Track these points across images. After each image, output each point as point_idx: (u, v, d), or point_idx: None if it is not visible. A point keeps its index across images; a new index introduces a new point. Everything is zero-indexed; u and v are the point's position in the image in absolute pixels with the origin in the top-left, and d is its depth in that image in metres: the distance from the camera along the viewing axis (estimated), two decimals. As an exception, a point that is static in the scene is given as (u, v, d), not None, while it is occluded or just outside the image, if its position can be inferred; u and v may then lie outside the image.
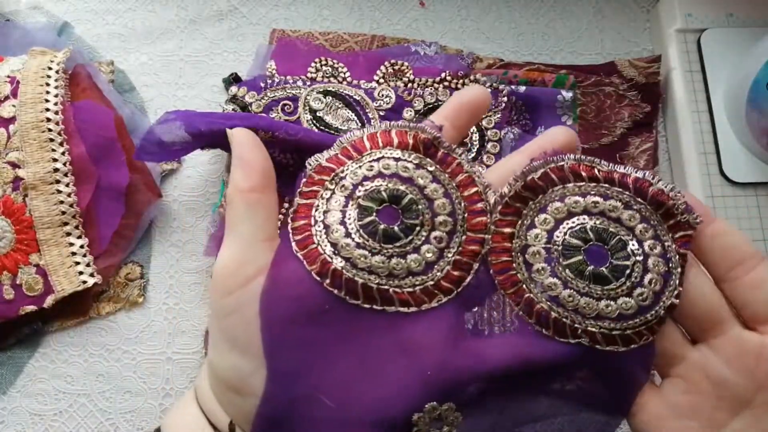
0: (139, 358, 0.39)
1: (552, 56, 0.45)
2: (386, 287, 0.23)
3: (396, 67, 0.42)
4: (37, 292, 0.37)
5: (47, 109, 0.38)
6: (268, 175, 0.26)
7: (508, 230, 0.25)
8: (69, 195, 0.38)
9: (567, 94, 0.41)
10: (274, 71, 0.42)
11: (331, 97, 0.40)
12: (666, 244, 0.23)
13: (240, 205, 0.25)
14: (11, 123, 0.38)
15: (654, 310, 0.23)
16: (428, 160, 0.25)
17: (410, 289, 0.24)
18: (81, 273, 0.38)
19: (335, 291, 0.23)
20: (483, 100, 0.27)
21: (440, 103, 0.41)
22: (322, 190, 0.25)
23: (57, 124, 0.38)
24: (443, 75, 0.42)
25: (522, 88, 0.41)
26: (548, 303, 0.24)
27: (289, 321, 0.23)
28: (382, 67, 0.42)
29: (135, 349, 0.39)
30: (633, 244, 0.23)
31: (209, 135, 0.33)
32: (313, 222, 0.24)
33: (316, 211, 0.24)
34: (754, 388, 0.23)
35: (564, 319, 0.23)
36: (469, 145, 0.40)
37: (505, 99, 0.41)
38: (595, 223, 0.23)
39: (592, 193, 0.24)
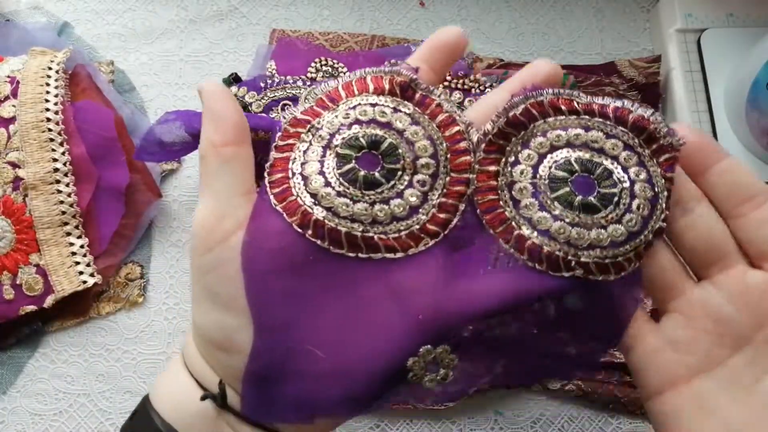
0: (139, 358, 0.39)
1: (552, 56, 0.45)
2: (371, 234, 0.23)
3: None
4: (37, 292, 0.37)
5: (47, 109, 0.38)
6: (242, 128, 0.25)
7: (492, 168, 0.24)
8: (69, 195, 0.38)
9: (567, 94, 0.41)
10: (274, 71, 0.42)
11: (331, 97, 0.40)
12: (651, 169, 0.23)
13: (214, 161, 0.24)
14: (11, 123, 0.38)
15: (643, 234, 0.23)
16: (406, 103, 0.24)
17: (395, 235, 0.23)
18: (81, 273, 0.38)
19: (318, 241, 0.23)
20: (459, 40, 0.26)
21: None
22: (298, 143, 0.24)
23: (57, 124, 0.38)
24: (443, 75, 0.42)
25: (522, 88, 0.41)
26: (540, 237, 0.23)
27: (272, 273, 0.23)
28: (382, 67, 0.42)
29: (135, 349, 0.39)
30: (618, 172, 0.23)
31: (209, 135, 0.33)
32: (290, 174, 0.23)
33: (293, 163, 0.24)
34: (756, 326, 0.23)
35: (557, 252, 0.23)
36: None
37: (505, 99, 0.40)
38: (579, 154, 0.23)
39: (573, 125, 0.24)
